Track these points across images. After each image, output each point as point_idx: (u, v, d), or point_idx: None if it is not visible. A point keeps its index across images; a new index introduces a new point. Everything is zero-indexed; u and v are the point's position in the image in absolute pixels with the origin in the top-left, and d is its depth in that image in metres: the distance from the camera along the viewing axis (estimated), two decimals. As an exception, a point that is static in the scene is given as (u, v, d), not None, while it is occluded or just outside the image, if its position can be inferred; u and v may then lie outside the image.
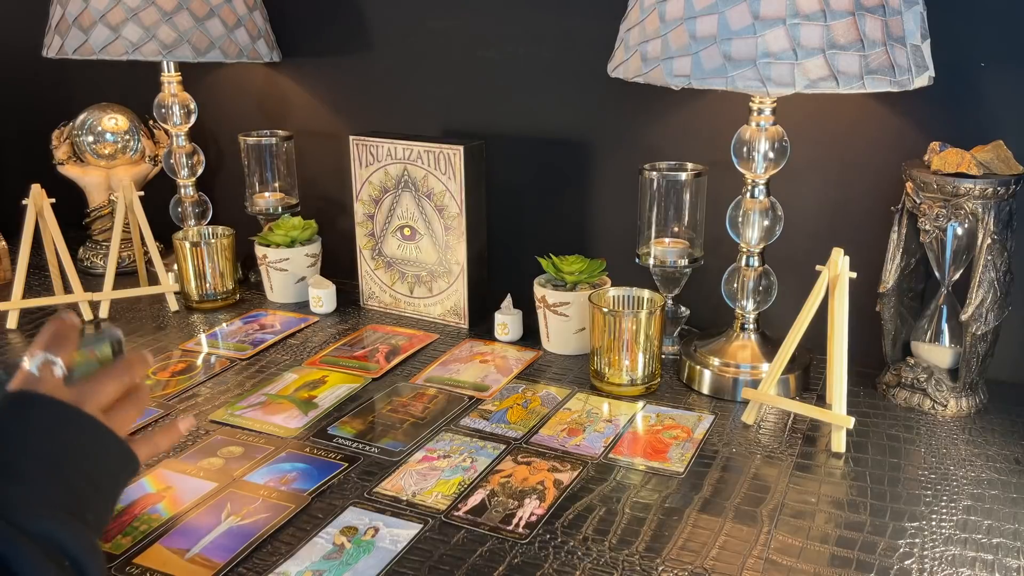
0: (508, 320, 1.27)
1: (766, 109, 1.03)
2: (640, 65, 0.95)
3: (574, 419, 1.04)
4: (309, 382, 1.14)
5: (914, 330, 1.11)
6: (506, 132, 1.38)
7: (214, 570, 0.76)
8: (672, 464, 0.94)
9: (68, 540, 0.53)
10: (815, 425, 1.02)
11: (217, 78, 1.62)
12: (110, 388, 0.64)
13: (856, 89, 0.87)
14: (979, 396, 1.07)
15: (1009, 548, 0.80)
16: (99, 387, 0.63)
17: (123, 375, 0.65)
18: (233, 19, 1.35)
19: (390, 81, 1.46)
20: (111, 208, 1.60)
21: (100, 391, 0.63)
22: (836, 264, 0.99)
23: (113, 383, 0.64)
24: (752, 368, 1.11)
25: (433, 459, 0.95)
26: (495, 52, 1.36)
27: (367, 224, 1.37)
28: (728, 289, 1.14)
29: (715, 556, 0.79)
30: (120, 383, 0.65)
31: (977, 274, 1.00)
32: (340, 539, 0.81)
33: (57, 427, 0.59)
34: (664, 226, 1.20)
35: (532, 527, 0.83)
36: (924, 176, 1.01)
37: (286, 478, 0.91)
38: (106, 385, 0.64)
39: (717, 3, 0.88)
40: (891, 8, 0.88)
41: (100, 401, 0.63)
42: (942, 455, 0.96)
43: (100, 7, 1.28)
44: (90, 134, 1.59)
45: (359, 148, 1.34)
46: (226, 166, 1.67)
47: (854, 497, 0.88)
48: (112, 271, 1.37)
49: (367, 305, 1.42)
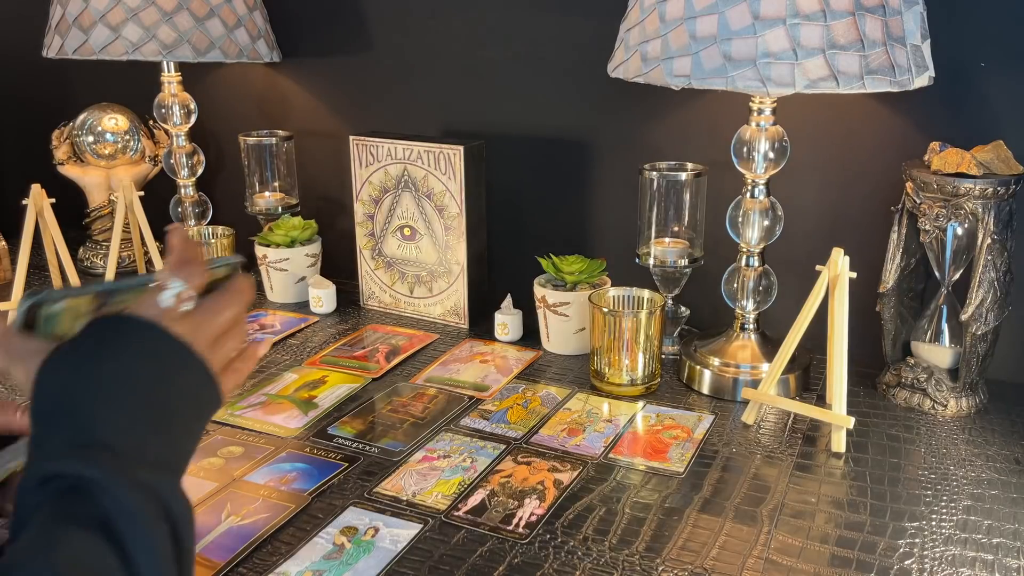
0: (508, 320, 1.27)
1: (766, 109, 1.03)
2: (640, 65, 0.95)
3: (574, 419, 1.04)
4: (309, 382, 1.14)
5: (914, 330, 1.11)
6: (506, 132, 1.38)
7: (214, 570, 0.76)
8: (672, 464, 0.94)
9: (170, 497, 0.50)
10: (815, 425, 1.02)
11: (217, 78, 1.62)
12: (223, 319, 0.59)
13: (856, 89, 0.87)
14: (979, 396, 1.07)
15: (1009, 548, 0.80)
16: (213, 318, 0.58)
17: (236, 305, 0.60)
18: (233, 19, 1.35)
19: (390, 81, 1.46)
20: (111, 208, 1.60)
21: (213, 322, 0.58)
22: (836, 264, 0.99)
23: (227, 313, 0.59)
24: (752, 368, 1.11)
25: (433, 459, 0.95)
26: (495, 52, 1.36)
27: (367, 224, 1.37)
28: (728, 289, 1.14)
29: (715, 556, 0.79)
30: (233, 313, 0.60)
31: (977, 274, 1.00)
32: (340, 539, 0.81)
33: (175, 371, 0.54)
34: (664, 226, 1.20)
35: (532, 527, 0.83)
36: (924, 176, 1.01)
37: (286, 478, 0.91)
38: (220, 316, 0.58)
39: (717, 3, 0.88)
40: (891, 8, 0.88)
41: (211, 333, 0.58)
42: (942, 455, 0.96)
43: (100, 7, 1.28)
44: (90, 134, 1.59)
45: (359, 148, 1.34)
46: (226, 166, 1.67)
47: (854, 497, 0.88)
48: (112, 271, 1.37)
49: (367, 305, 1.42)
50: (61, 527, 0.45)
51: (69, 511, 0.46)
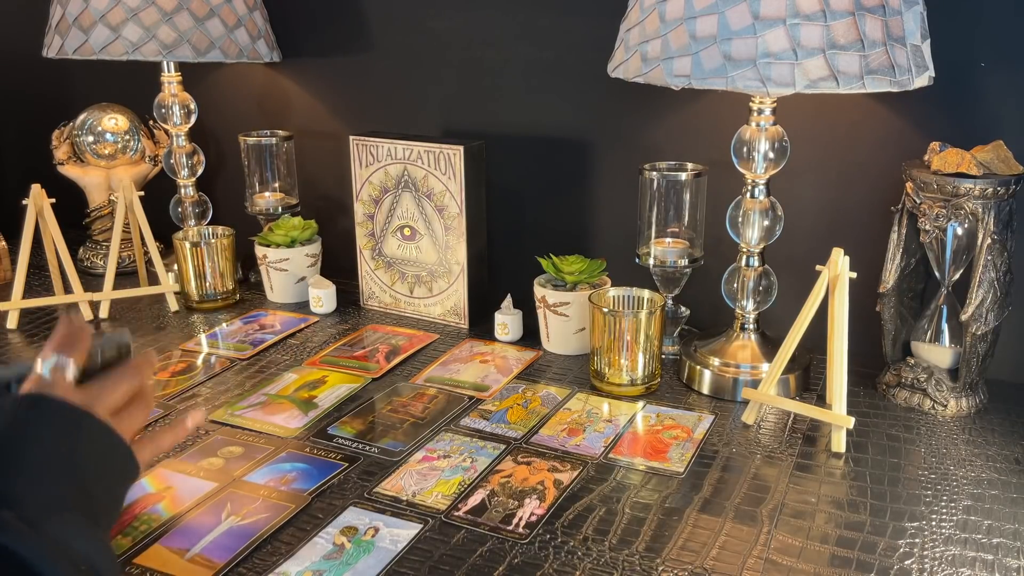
0: (508, 320, 1.27)
1: (766, 109, 1.03)
2: (640, 65, 0.95)
3: (574, 419, 1.04)
4: (309, 382, 1.14)
5: (914, 330, 1.11)
6: (506, 132, 1.38)
7: (214, 570, 0.76)
8: (672, 464, 0.94)
9: (84, 542, 0.53)
10: (815, 425, 1.02)
11: (217, 78, 1.62)
12: (120, 391, 0.64)
13: (856, 89, 0.87)
14: (979, 396, 1.07)
15: (1009, 548, 0.80)
16: (109, 390, 0.64)
17: (132, 378, 0.66)
18: (233, 19, 1.35)
19: (390, 81, 1.46)
20: (111, 208, 1.61)
21: (110, 394, 0.64)
22: (836, 264, 0.99)
23: (123, 386, 0.65)
24: (752, 368, 1.11)
25: (433, 459, 0.95)
26: (495, 52, 1.36)
27: (367, 224, 1.37)
28: (728, 289, 1.14)
29: (715, 556, 0.79)
30: (130, 386, 0.65)
31: (977, 274, 1.00)
32: (340, 539, 0.81)
33: (70, 430, 0.59)
34: (664, 226, 1.20)
35: (532, 527, 0.83)
36: (924, 176, 1.01)
37: (286, 478, 0.91)
38: (116, 388, 0.64)
39: (717, 3, 0.88)
40: (891, 8, 0.88)
41: (110, 404, 0.63)
42: (942, 455, 0.96)
43: (100, 7, 1.28)
44: (90, 134, 1.59)
45: (359, 148, 1.34)
46: (226, 166, 1.67)
47: (854, 497, 0.88)
48: (112, 271, 1.37)
49: (367, 305, 1.42)
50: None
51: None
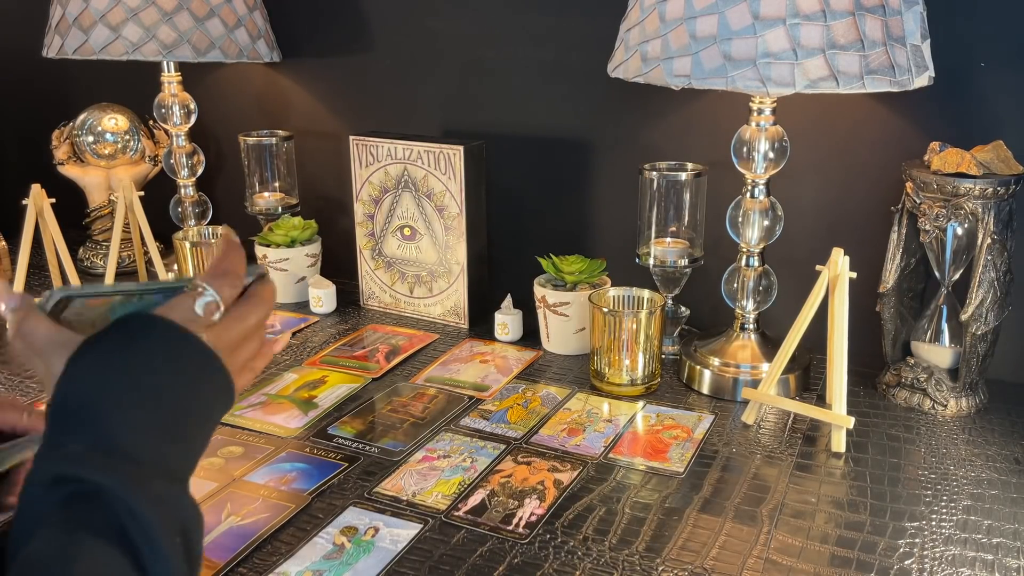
0: (508, 320, 1.27)
1: (766, 109, 1.03)
2: (640, 65, 0.95)
3: (574, 419, 1.04)
4: (309, 382, 1.14)
5: (914, 330, 1.11)
6: (506, 132, 1.38)
7: (214, 570, 0.76)
8: (672, 464, 0.94)
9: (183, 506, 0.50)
10: (815, 425, 1.02)
11: (217, 78, 1.62)
12: (247, 324, 0.58)
13: (856, 89, 0.87)
14: (979, 396, 1.07)
15: (1009, 548, 0.80)
16: (236, 327, 0.57)
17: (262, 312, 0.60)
18: (233, 19, 1.35)
19: (390, 81, 1.46)
20: (111, 208, 1.60)
21: (236, 332, 0.57)
22: (836, 264, 0.99)
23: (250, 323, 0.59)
24: (752, 368, 1.11)
25: (433, 459, 0.95)
26: (495, 52, 1.36)
27: (367, 224, 1.37)
28: (728, 289, 1.14)
29: (715, 556, 0.79)
30: (257, 320, 0.59)
31: (977, 274, 1.00)
32: (340, 539, 0.81)
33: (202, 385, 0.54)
34: (664, 226, 1.20)
35: (532, 527, 0.83)
36: (924, 176, 1.01)
37: (286, 478, 0.91)
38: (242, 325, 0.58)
39: (717, 3, 0.88)
40: (891, 8, 0.88)
41: (234, 338, 0.57)
42: (942, 455, 0.96)
43: (100, 7, 1.28)
44: (90, 134, 1.59)
45: (359, 148, 1.34)
46: (226, 166, 1.67)
47: (854, 497, 0.88)
48: (112, 271, 1.37)
49: (367, 305, 1.42)
50: (78, 536, 0.44)
51: (85, 519, 0.45)
